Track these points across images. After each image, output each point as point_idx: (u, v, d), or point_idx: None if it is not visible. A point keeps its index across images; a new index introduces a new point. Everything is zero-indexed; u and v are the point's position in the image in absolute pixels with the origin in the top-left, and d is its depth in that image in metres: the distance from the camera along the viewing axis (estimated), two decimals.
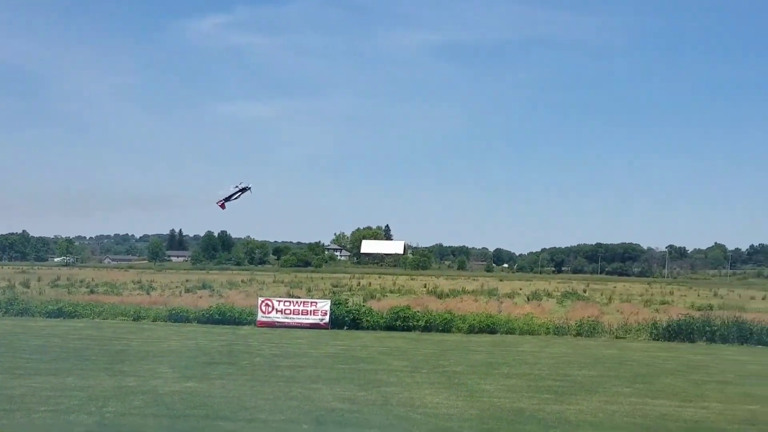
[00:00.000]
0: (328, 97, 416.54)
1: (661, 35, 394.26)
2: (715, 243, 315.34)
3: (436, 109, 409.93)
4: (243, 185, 43.26)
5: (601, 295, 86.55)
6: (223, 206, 44.13)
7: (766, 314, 51.24)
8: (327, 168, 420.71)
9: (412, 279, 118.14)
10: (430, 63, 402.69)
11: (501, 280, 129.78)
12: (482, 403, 21.79)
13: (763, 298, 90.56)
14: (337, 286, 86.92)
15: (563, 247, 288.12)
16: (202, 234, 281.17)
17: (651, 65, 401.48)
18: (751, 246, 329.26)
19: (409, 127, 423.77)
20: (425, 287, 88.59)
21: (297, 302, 45.67)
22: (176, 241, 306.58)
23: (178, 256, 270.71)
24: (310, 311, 44.04)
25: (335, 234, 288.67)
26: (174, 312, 46.43)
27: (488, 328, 42.82)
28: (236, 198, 43.59)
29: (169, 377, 25.13)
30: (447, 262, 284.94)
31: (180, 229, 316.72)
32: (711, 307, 61.74)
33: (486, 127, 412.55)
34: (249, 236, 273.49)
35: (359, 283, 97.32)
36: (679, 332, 41.94)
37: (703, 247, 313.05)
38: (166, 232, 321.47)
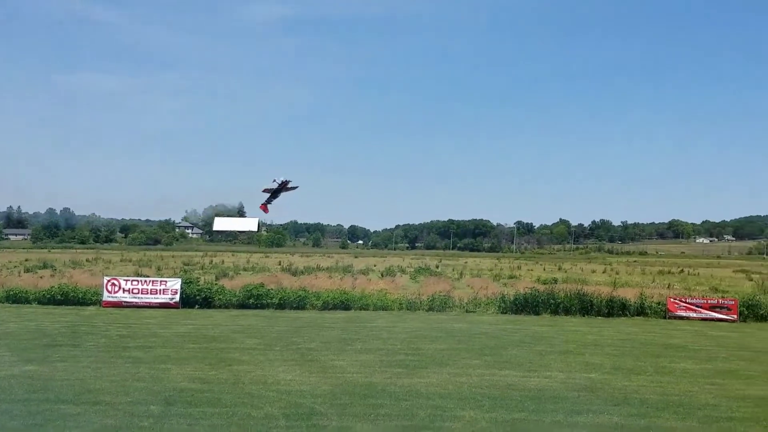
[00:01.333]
0: (179, 71, 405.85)
1: (513, 18, 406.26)
2: (560, 219, 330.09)
3: (288, 84, 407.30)
4: (282, 179, 40.32)
5: (453, 270, 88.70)
6: (266, 209, 41.73)
7: (605, 287, 53.91)
8: (179, 143, 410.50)
9: (266, 257, 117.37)
10: (281, 38, 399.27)
11: (356, 257, 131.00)
12: (335, 378, 21.86)
13: (603, 272, 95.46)
14: (188, 265, 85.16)
15: (417, 223, 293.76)
16: (42, 211, 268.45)
17: (503, 45, 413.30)
18: (593, 222, 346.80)
19: (262, 102, 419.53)
20: (280, 265, 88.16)
21: (145, 281, 44.26)
22: (14, 219, 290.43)
23: (16, 235, 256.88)
24: (160, 290, 42.83)
25: (186, 211, 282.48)
26: (12, 293, 43.99)
27: (342, 304, 42.96)
28: (277, 197, 41.33)
29: (6, 361, 23.85)
30: (302, 240, 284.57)
31: (18, 206, 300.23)
32: (555, 281, 64.48)
33: (337, 104, 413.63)
34: (94, 214, 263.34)
35: (212, 261, 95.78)
36: (525, 305, 43.50)
37: (549, 223, 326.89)
38: (3, 209, 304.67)
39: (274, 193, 40.63)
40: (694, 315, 43.02)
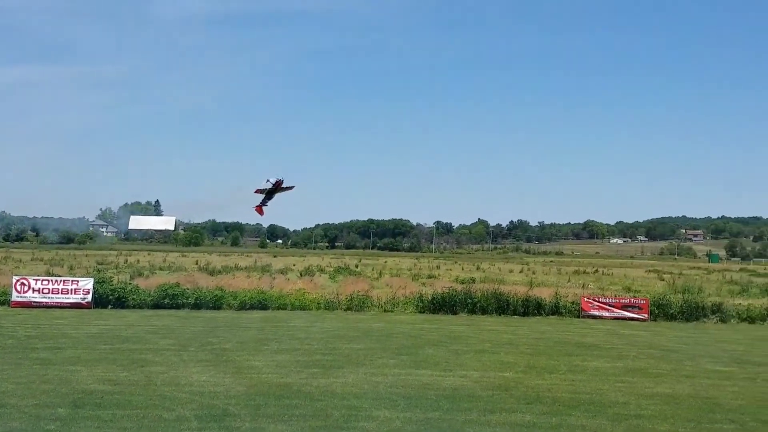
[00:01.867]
0: (93, 64, 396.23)
1: (433, 13, 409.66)
2: (479, 219, 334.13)
3: (203, 77, 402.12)
4: (276, 179, 37.62)
5: (373, 269, 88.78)
6: (261, 211, 40.07)
7: (521, 286, 54.71)
8: (92, 138, 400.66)
9: (183, 256, 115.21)
10: (198, 32, 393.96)
11: (275, 256, 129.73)
12: (250, 379, 21.58)
13: (521, 271, 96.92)
14: (102, 264, 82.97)
15: (336, 223, 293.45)
16: None
17: (424, 38, 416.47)
18: (511, 222, 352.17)
19: (176, 96, 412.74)
20: (197, 264, 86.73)
21: (56, 281, 42.95)
22: None
23: None
24: (71, 290, 41.63)
25: (101, 209, 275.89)
26: None
27: (260, 304, 42.53)
28: (272, 198, 39.71)
29: None
30: (220, 239, 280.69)
31: None
32: (473, 281, 65.17)
33: (255, 100, 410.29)
34: (4, 211, 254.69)
35: (126, 260, 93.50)
36: (443, 305, 43.83)
37: (468, 223, 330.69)
38: None
39: (269, 194, 38.51)
40: (607, 314, 44.02)
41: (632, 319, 43.55)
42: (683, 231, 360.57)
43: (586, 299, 45.63)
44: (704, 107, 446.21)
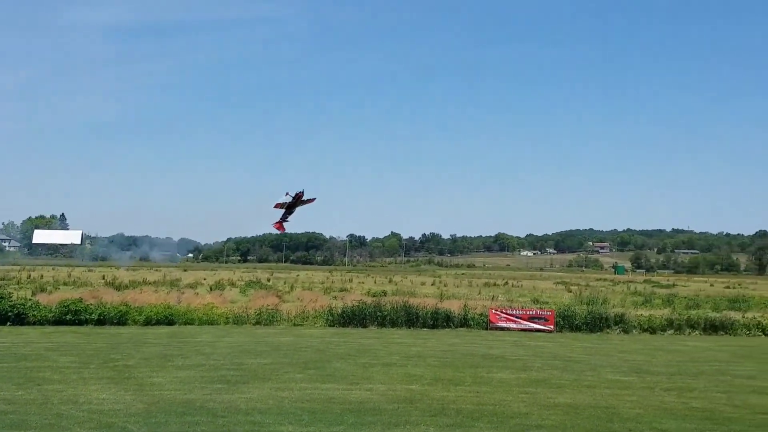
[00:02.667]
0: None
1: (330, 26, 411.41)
2: (392, 232, 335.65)
3: (103, 89, 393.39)
4: (297, 191, 35.30)
5: (284, 283, 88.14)
6: (281, 228, 37.95)
7: (432, 299, 55.14)
8: None
9: (90, 270, 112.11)
10: (103, 42, 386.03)
11: (185, 270, 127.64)
12: (152, 396, 21.10)
13: (432, 284, 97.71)
14: (3, 279, 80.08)
15: (249, 236, 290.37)
16: None
17: (321, 52, 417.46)
18: (424, 235, 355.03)
19: (78, 107, 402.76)
20: (104, 279, 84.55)
21: None
22: None
23: None
24: None
25: (3, 223, 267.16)
26: None
27: (166, 319, 41.71)
28: (293, 212, 37.61)
29: None
30: (128, 253, 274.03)
31: None
32: (385, 293, 65.36)
33: (160, 111, 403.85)
34: None
35: (30, 275, 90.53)
36: (352, 318, 43.82)
37: (381, 236, 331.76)
38: None
39: (289, 208, 36.47)
40: (514, 326, 44.70)
41: (539, 330, 44.33)
42: (591, 243, 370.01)
43: (494, 311, 46.27)
44: (608, 122, 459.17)
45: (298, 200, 35.77)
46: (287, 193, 35.58)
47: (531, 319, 45.40)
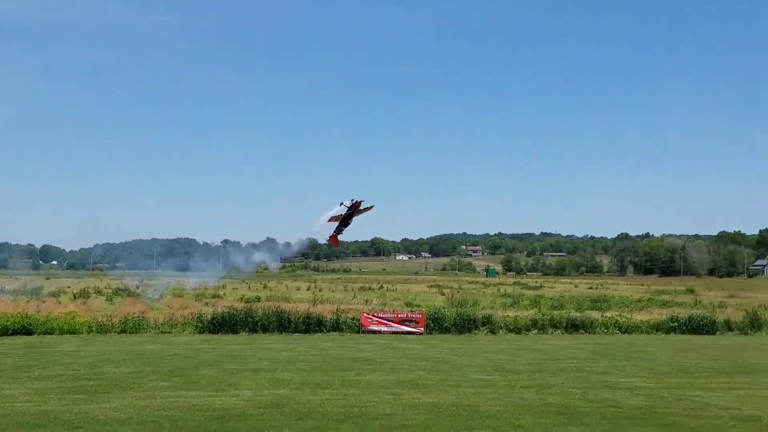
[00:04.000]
0: None
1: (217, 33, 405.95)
2: (267, 237, 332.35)
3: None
4: (353, 200, 33.42)
5: (155, 290, 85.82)
6: (336, 242, 34.51)
7: (305, 304, 55.02)
8: None
9: None
10: None
11: (48, 278, 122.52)
12: (3, 409, 20.17)
13: (308, 289, 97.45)
14: None
15: (118, 243, 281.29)
16: None
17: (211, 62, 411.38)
18: (299, 239, 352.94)
19: None
20: None
21: None
22: None
23: None
24: None
25: None
26: None
27: (24, 329, 39.97)
28: (349, 223, 34.12)
29: None
30: None
31: None
32: (258, 299, 64.76)
33: (35, 116, 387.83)
34: None
35: None
36: (223, 324, 43.22)
37: (257, 241, 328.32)
38: None
39: (345, 220, 34.64)
40: (386, 329, 45.14)
41: (409, 332, 44.92)
42: (464, 247, 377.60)
43: (365, 315, 46.58)
44: (481, 128, 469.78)
45: (355, 210, 34.19)
46: (342, 203, 33.96)
47: (402, 321, 45.97)
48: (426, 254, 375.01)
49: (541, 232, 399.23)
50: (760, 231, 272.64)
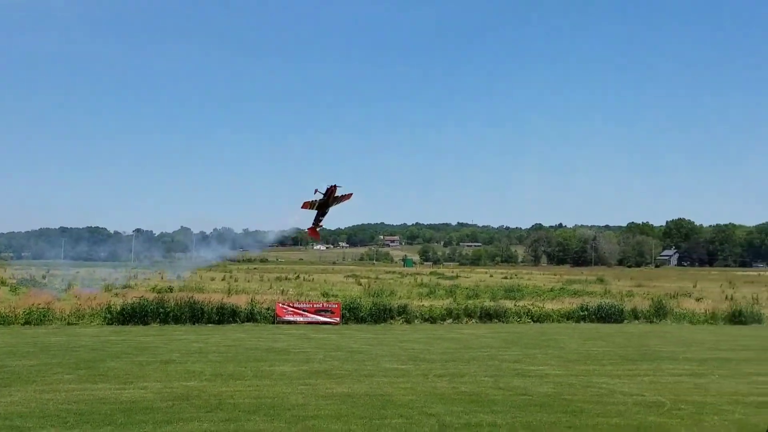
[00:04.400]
0: None
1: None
2: (181, 227, 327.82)
3: None
4: (327, 186, 31.08)
5: (62, 280, 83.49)
6: (315, 234, 31.73)
7: (220, 294, 54.32)
8: None
9: None
10: None
11: None
12: None
13: (222, 279, 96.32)
14: None
15: (23, 231, 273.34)
16: None
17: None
18: (215, 229, 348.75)
19: None
20: None
21: None
22: None
23: None
24: None
25: None
26: None
27: None
28: (326, 212, 31.44)
29: None
30: None
31: None
32: (171, 290, 63.58)
33: None
34: None
35: None
36: (133, 315, 42.28)
37: (170, 231, 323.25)
38: None
39: (321, 208, 32.49)
40: (301, 319, 44.90)
41: (325, 323, 44.77)
42: (382, 237, 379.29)
43: (281, 305, 46.22)
44: (395, 119, 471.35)
45: (330, 196, 32.14)
46: (316, 191, 31.95)
47: (318, 312, 45.79)
48: (344, 244, 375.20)
49: (458, 223, 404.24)
50: (667, 222, 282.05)
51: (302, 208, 32.91)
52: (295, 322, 44.49)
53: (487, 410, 19.66)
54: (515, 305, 52.35)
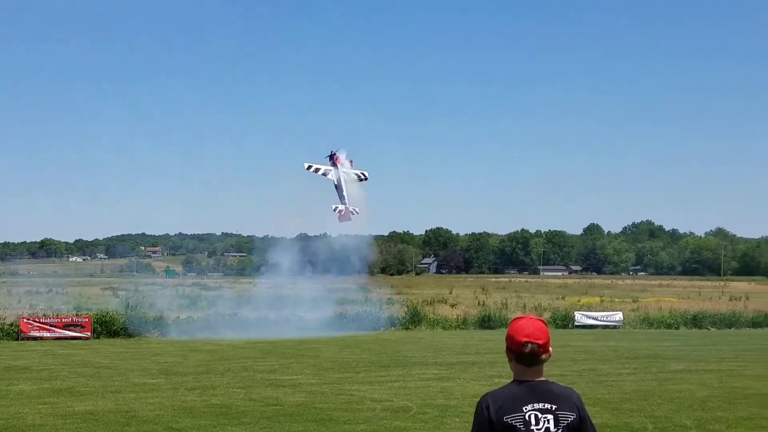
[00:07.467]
0: None
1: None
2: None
3: None
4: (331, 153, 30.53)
5: None
6: (347, 214, 30.93)
7: None
8: None
9: None
10: None
11: None
12: None
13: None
14: None
15: None
16: None
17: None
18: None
19: None
20: None
21: None
22: None
23: None
24: None
25: None
26: None
27: None
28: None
29: None
30: None
31: None
32: None
33: None
34: None
35: None
36: None
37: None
38: None
39: (335, 178, 31.46)
40: (48, 334, 42.70)
41: (75, 337, 42.83)
42: (143, 248, 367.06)
43: (25, 320, 43.56)
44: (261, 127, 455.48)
45: (336, 163, 31.43)
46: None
47: (66, 326, 43.75)
48: (102, 255, 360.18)
49: (222, 233, 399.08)
50: (426, 231, 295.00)
51: (307, 169, 35.45)
52: (41, 338, 42.12)
53: (236, 422, 19.61)
54: (276, 315, 52.59)
